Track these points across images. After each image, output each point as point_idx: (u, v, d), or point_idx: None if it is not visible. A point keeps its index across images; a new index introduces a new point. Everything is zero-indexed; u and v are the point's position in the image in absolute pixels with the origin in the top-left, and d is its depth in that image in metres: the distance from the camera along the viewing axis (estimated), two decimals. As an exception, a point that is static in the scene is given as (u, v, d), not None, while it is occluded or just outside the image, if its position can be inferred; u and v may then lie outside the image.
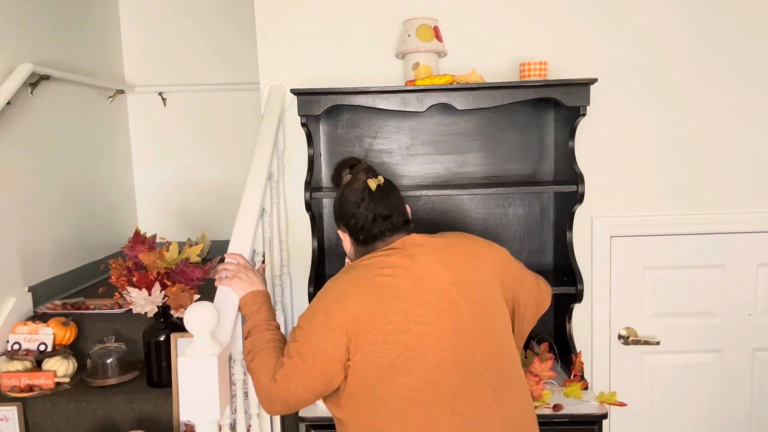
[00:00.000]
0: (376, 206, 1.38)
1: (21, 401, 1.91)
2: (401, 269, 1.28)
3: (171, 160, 3.42)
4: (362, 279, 1.28)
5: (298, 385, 1.25)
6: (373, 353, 1.22)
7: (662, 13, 2.10)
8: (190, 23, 3.36)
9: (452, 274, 1.30)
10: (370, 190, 1.39)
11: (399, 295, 1.25)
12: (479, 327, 1.28)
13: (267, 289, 1.46)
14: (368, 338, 1.22)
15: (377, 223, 1.38)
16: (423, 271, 1.29)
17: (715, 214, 2.18)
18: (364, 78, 2.13)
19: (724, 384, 2.25)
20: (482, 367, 1.26)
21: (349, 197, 1.41)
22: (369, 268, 1.30)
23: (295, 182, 2.14)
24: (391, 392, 1.22)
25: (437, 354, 1.23)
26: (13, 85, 2.22)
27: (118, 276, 1.91)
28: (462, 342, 1.25)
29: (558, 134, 2.11)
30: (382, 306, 1.23)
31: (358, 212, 1.39)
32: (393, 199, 1.41)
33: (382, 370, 1.22)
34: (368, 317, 1.23)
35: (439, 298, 1.27)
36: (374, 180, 1.41)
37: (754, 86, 2.13)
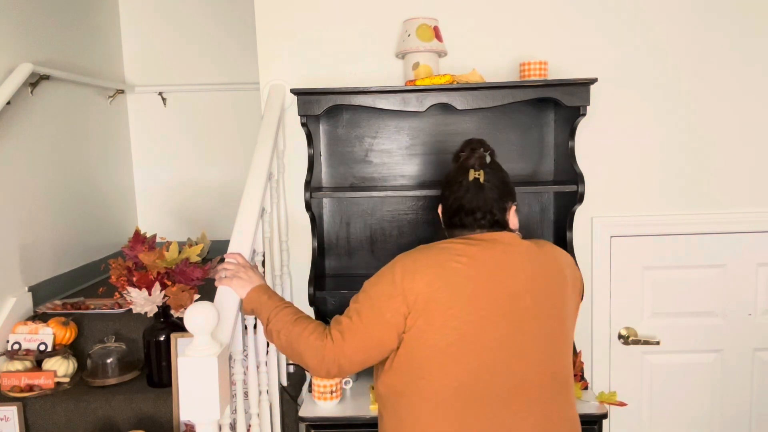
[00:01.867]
0: (464, 199, 1.36)
1: (21, 401, 1.91)
2: (478, 262, 1.27)
3: (171, 159, 3.42)
4: (435, 259, 1.27)
5: (352, 345, 1.26)
6: (428, 333, 1.23)
7: (662, 13, 2.10)
8: (190, 23, 3.36)
9: (531, 282, 1.28)
10: (467, 180, 1.37)
11: (467, 284, 1.24)
12: (544, 342, 1.27)
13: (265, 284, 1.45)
14: (427, 317, 1.23)
15: (458, 215, 1.37)
16: (501, 270, 1.27)
17: (715, 214, 2.18)
18: (364, 78, 2.13)
19: (724, 384, 2.25)
20: (536, 382, 1.25)
21: (451, 178, 1.41)
22: (445, 252, 1.29)
23: (295, 182, 2.14)
24: (436, 377, 1.23)
25: (493, 353, 1.23)
26: (13, 85, 2.21)
27: (118, 276, 1.91)
28: (522, 349, 1.24)
29: (558, 134, 2.11)
30: (448, 290, 1.23)
31: (449, 196, 1.39)
32: (487, 196, 1.36)
33: (434, 353, 1.23)
34: (431, 296, 1.23)
35: (511, 299, 1.25)
36: (474, 172, 1.37)
37: (754, 86, 2.13)
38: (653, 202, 2.18)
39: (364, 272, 2.19)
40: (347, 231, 2.20)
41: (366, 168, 2.18)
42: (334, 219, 2.20)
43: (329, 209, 2.19)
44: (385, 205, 2.18)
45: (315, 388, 1.85)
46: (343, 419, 1.78)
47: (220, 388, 1.17)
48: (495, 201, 1.37)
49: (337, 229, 2.20)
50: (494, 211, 1.36)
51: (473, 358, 1.22)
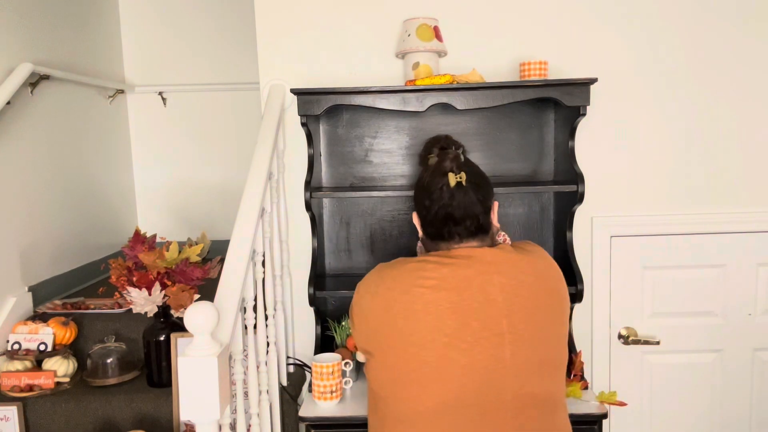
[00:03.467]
0: (450, 206, 1.25)
1: (21, 401, 1.91)
2: (448, 284, 1.18)
3: (171, 159, 3.42)
4: (397, 282, 1.22)
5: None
6: (390, 356, 1.20)
7: (662, 13, 2.10)
8: (190, 23, 3.36)
9: (509, 304, 1.19)
10: (448, 185, 1.26)
11: (430, 311, 1.17)
12: (521, 367, 1.18)
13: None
14: (388, 340, 1.20)
15: (446, 225, 1.27)
16: (474, 294, 1.18)
17: (715, 214, 2.17)
18: (364, 78, 2.13)
19: (724, 384, 2.25)
20: (509, 408, 1.17)
21: (426, 186, 1.30)
22: (414, 273, 1.22)
23: (295, 182, 2.14)
24: (403, 401, 1.20)
25: (460, 381, 1.16)
26: (13, 85, 2.22)
27: (118, 276, 1.91)
28: (493, 378, 1.16)
29: (558, 134, 2.11)
30: (406, 316, 1.18)
31: (430, 206, 1.28)
32: (472, 200, 1.26)
33: (396, 374, 1.20)
34: (389, 322, 1.20)
35: (482, 325, 1.17)
36: (455, 176, 1.26)
37: (754, 86, 2.13)
38: (653, 202, 2.18)
39: (364, 272, 2.17)
40: (347, 231, 2.20)
41: (366, 168, 2.18)
42: (334, 219, 2.20)
43: (329, 209, 2.19)
44: (385, 205, 2.18)
45: (315, 387, 1.85)
46: (343, 419, 1.78)
47: (220, 388, 1.17)
48: (480, 204, 1.28)
49: (337, 229, 2.20)
50: (480, 216, 1.27)
51: (439, 386, 1.16)
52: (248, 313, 1.56)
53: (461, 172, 1.27)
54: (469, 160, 1.35)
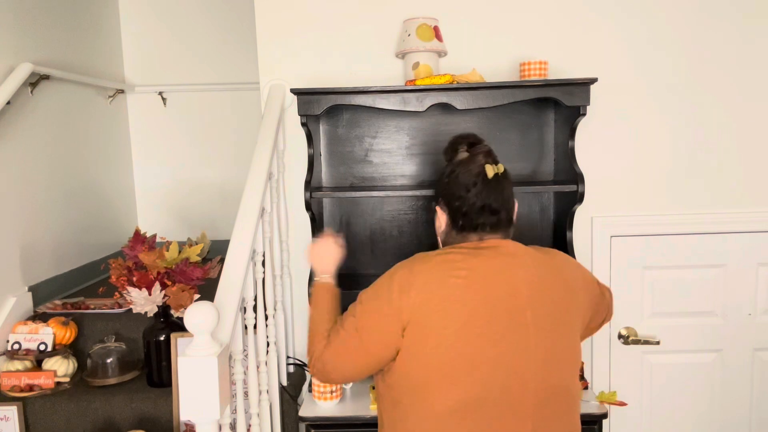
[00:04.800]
0: (488, 196, 1.28)
1: (21, 401, 1.91)
2: (478, 276, 1.21)
3: (171, 159, 3.42)
4: (432, 275, 1.22)
5: (347, 360, 1.27)
6: (422, 352, 1.19)
7: (662, 13, 2.10)
8: (189, 23, 3.36)
9: (533, 297, 1.22)
10: (485, 176, 1.29)
11: (466, 302, 1.19)
12: (544, 359, 1.22)
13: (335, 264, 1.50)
14: (421, 338, 1.19)
15: (483, 215, 1.29)
16: (502, 285, 1.21)
17: (715, 214, 2.18)
18: (364, 78, 2.13)
19: (724, 384, 2.25)
20: (532, 399, 1.20)
21: (461, 178, 1.31)
22: (444, 265, 1.24)
23: (295, 182, 2.14)
24: (435, 398, 1.20)
25: (489, 373, 1.18)
26: (13, 85, 2.22)
27: (118, 276, 1.91)
28: (520, 369, 1.20)
29: (558, 134, 2.11)
30: (444, 309, 1.19)
31: (466, 196, 1.29)
32: (506, 192, 1.30)
33: (429, 373, 1.19)
34: (426, 315, 1.19)
35: (510, 317, 1.20)
36: (493, 167, 1.29)
37: (754, 86, 2.13)
38: (653, 202, 2.18)
39: (364, 272, 2.19)
40: (347, 231, 2.20)
41: (366, 168, 2.18)
42: (334, 219, 2.20)
43: (329, 209, 2.19)
44: (385, 204, 2.18)
45: (315, 388, 1.85)
46: (343, 419, 1.78)
47: (220, 388, 1.17)
48: (512, 196, 1.33)
49: (337, 229, 2.20)
50: (511, 207, 1.32)
51: (470, 378, 1.18)
52: (248, 313, 1.56)
53: (499, 164, 1.31)
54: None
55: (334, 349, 1.28)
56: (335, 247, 1.51)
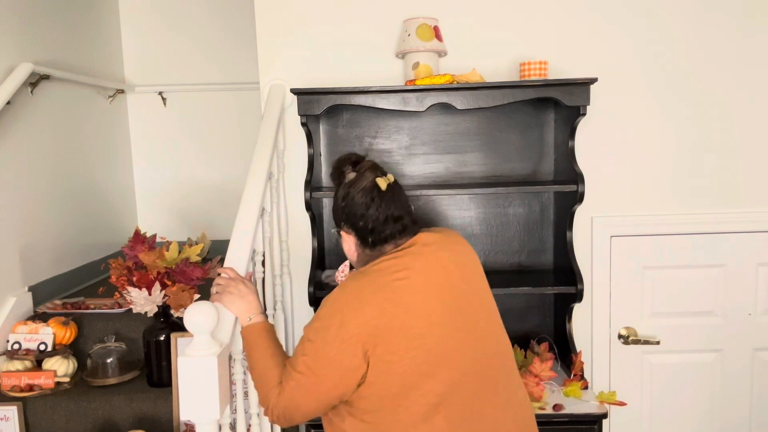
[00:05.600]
0: (388, 207, 1.30)
1: (21, 401, 1.91)
2: (415, 271, 1.24)
3: (171, 160, 3.42)
4: (376, 285, 1.22)
5: (308, 400, 1.21)
6: (395, 363, 1.17)
7: (662, 13, 2.10)
8: (190, 23, 3.36)
9: (461, 271, 1.29)
10: (380, 189, 1.30)
11: (417, 299, 1.21)
12: (486, 324, 1.29)
13: (257, 299, 1.40)
14: (389, 348, 1.17)
15: (388, 225, 1.30)
16: (436, 271, 1.26)
17: (715, 214, 2.17)
18: (364, 77, 2.13)
19: (724, 384, 2.25)
20: (494, 362, 1.27)
21: (357, 197, 1.31)
22: (382, 273, 1.24)
23: (295, 182, 2.14)
24: (414, 399, 1.18)
25: (457, 354, 1.21)
26: (13, 85, 2.22)
27: (118, 276, 1.91)
28: (475, 339, 1.25)
29: (558, 134, 2.11)
30: (401, 311, 1.19)
31: (367, 213, 1.30)
32: (402, 198, 1.34)
33: (406, 378, 1.18)
34: (387, 325, 1.17)
35: (453, 296, 1.25)
36: (384, 179, 1.31)
37: (754, 86, 2.13)
38: (653, 202, 2.18)
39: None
40: (347, 231, 2.20)
41: (366, 168, 2.17)
42: (334, 219, 2.19)
43: (329, 209, 2.19)
44: (385, 204, 2.18)
45: (315, 387, 1.85)
46: (343, 419, 1.77)
47: (220, 388, 1.17)
48: (407, 200, 1.37)
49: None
50: (410, 210, 1.36)
51: (445, 368, 1.19)
52: (248, 313, 1.55)
53: (388, 173, 1.34)
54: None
55: (290, 395, 1.21)
56: (248, 284, 1.41)
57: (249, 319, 1.35)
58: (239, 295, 1.37)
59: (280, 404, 1.23)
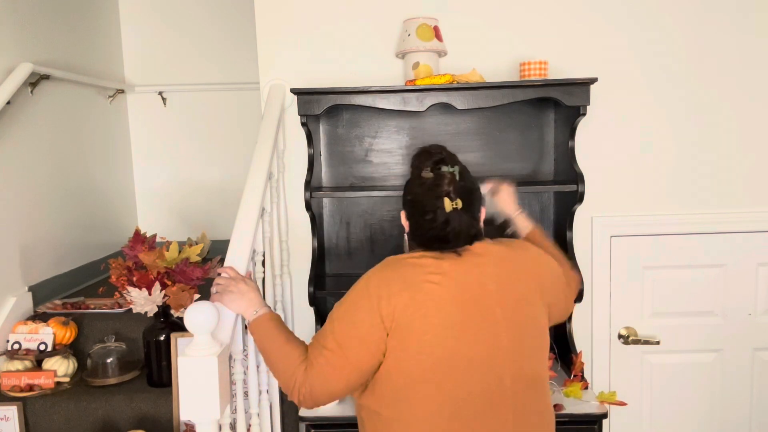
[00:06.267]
0: (444, 231, 1.27)
1: (21, 401, 1.91)
2: (450, 279, 1.24)
3: (171, 159, 3.42)
4: (407, 280, 1.23)
5: (338, 377, 1.23)
6: (403, 359, 1.21)
7: (662, 12, 2.10)
8: (190, 23, 3.36)
9: (501, 293, 1.26)
10: (443, 209, 1.27)
11: (442, 306, 1.22)
12: (515, 351, 1.26)
13: (259, 295, 1.40)
14: (402, 343, 1.20)
15: (435, 243, 1.29)
16: (472, 286, 1.25)
17: (715, 214, 2.17)
18: (364, 77, 2.12)
19: (724, 384, 2.25)
20: (509, 391, 1.25)
21: (420, 203, 1.30)
22: (416, 269, 1.25)
23: (295, 182, 2.14)
24: (416, 401, 1.21)
25: (467, 373, 1.22)
26: (13, 85, 2.22)
27: (118, 276, 1.91)
28: (495, 365, 1.24)
29: (558, 134, 2.11)
30: (423, 315, 1.20)
31: (423, 224, 1.29)
32: (466, 223, 1.27)
33: (410, 378, 1.21)
34: (407, 322, 1.20)
35: (482, 317, 1.24)
36: (451, 202, 1.26)
37: (754, 86, 2.13)
38: (653, 202, 2.18)
39: (364, 272, 2.18)
40: (347, 231, 2.20)
41: (366, 168, 2.18)
42: (334, 219, 2.20)
43: (329, 209, 2.19)
44: (385, 204, 2.18)
45: (315, 387, 1.85)
46: (343, 419, 1.77)
47: (220, 388, 1.17)
48: (473, 223, 1.30)
49: (337, 229, 2.20)
50: (474, 224, 1.31)
51: (450, 380, 1.21)
52: (248, 313, 1.55)
53: (457, 198, 1.27)
54: (462, 171, 1.33)
55: (319, 371, 1.23)
56: (248, 282, 1.41)
57: (255, 313, 1.36)
58: (240, 293, 1.37)
59: (307, 382, 1.23)
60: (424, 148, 1.39)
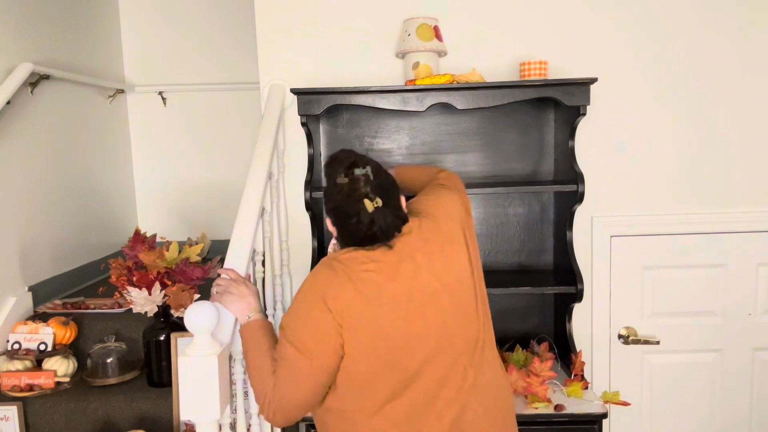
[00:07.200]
0: (371, 230, 1.28)
1: (21, 401, 1.91)
2: (384, 263, 1.27)
3: (171, 159, 3.42)
4: (347, 273, 1.26)
5: (301, 386, 1.23)
6: (360, 352, 1.23)
7: (663, 12, 2.10)
8: (190, 23, 3.36)
9: (432, 263, 1.30)
10: (366, 211, 1.28)
11: (384, 291, 1.25)
12: (458, 314, 1.31)
13: (258, 300, 1.42)
14: (357, 336, 1.23)
15: (366, 240, 1.30)
16: (405, 264, 1.28)
17: (715, 214, 2.17)
18: (364, 77, 2.13)
19: (724, 384, 2.25)
20: (464, 351, 1.31)
21: (342, 208, 1.31)
22: (352, 263, 1.28)
23: (295, 182, 2.14)
24: (380, 389, 1.25)
25: (423, 346, 1.26)
26: (13, 85, 2.22)
27: (118, 275, 1.91)
28: (444, 332, 1.29)
29: (558, 134, 2.11)
30: (369, 304, 1.24)
31: (348, 227, 1.30)
32: (390, 219, 1.29)
33: (371, 366, 1.24)
34: (357, 316, 1.23)
35: (422, 291, 1.28)
36: (371, 203, 1.28)
37: (754, 86, 2.13)
38: (653, 202, 2.18)
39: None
40: (347, 231, 2.20)
41: (366, 168, 2.17)
42: (334, 219, 2.19)
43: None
44: (385, 204, 2.18)
45: (315, 387, 1.85)
46: (343, 419, 1.77)
47: (220, 388, 1.18)
48: (397, 212, 1.32)
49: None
50: (400, 214, 1.33)
51: (408, 359, 1.25)
52: (248, 313, 1.55)
53: (376, 197, 1.28)
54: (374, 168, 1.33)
55: (283, 381, 1.24)
56: (249, 285, 1.43)
57: (248, 317, 1.37)
58: (239, 296, 1.39)
59: (276, 396, 1.24)
60: (333, 155, 1.40)
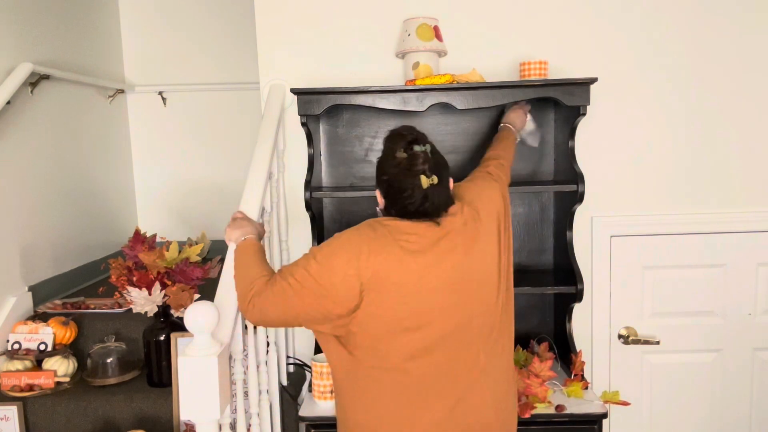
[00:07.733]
0: (423, 206, 1.34)
1: (21, 401, 1.91)
2: (425, 237, 1.32)
3: (171, 159, 3.42)
4: (386, 238, 1.31)
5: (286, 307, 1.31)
6: (381, 310, 1.29)
7: (663, 12, 2.10)
8: (190, 23, 3.36)
9: (466, 248, 1.35)
10: (420, 187, 1.33)
11: (418, 260, 1.30)
12: (480, 301, 1.37)
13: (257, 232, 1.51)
14: (380, 297, 1.28)
15: (415, 215, 1.35)
16: (444, 242, 1.33)
17: (715, 214, 2.17)
18: (364, 77, 2.13)
19: (724, 384, 2.25)
20: (479, 336, 1.36)
21: (397, 182, 1.34)
22: (395, 229, 1.33)
23: (295, 182, 2.14)
24: (394, 348, 1.31)
25: (442, 322, 1.32)
26: (13, 85, 2.22)
27: (118, 275, 1.91)
28: (465, 313, 1.34)
29: (558, 134, 2.11)
30: (400, 268, 1.29)
31: (401, 201, 1.35)
32: (443, 197, 1.36)
33: (390, 326, 1.30)
34: (385, 276, 1.28)
35: (453, 268, 1.33)
36: (428, 179, 1.32)
37: (754, 85, 2.13)
38: (653, 202, 2.18)
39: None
40: (347, 231, 2.20)
41: (366, 168, 2.18)
42: (334, 219, 2.20)
43: (329, 209, 2.19)
44: (385, 204, 2.18)
45: (315, 387, 1.85)
46: (343, 419, 1.77)
47: (220, 388, 1.17)
48: (448, 191, 1.39)
49: (336, 229, 2.20)
50: (447, 199, 1.39)
51: (427, 327, 1.31)
52: (248, 313, 1.55)
53: (433, 174, 1.33)
54: (433, 150, 1.38)
55: (278, 290, 1.30)
56: (255, 223, 1.54)
57: (243, 238, 1.47)
58: (242, 226, 1.50)
59: (264, 292, 1.31)
60: (395, 129, 1.44)
